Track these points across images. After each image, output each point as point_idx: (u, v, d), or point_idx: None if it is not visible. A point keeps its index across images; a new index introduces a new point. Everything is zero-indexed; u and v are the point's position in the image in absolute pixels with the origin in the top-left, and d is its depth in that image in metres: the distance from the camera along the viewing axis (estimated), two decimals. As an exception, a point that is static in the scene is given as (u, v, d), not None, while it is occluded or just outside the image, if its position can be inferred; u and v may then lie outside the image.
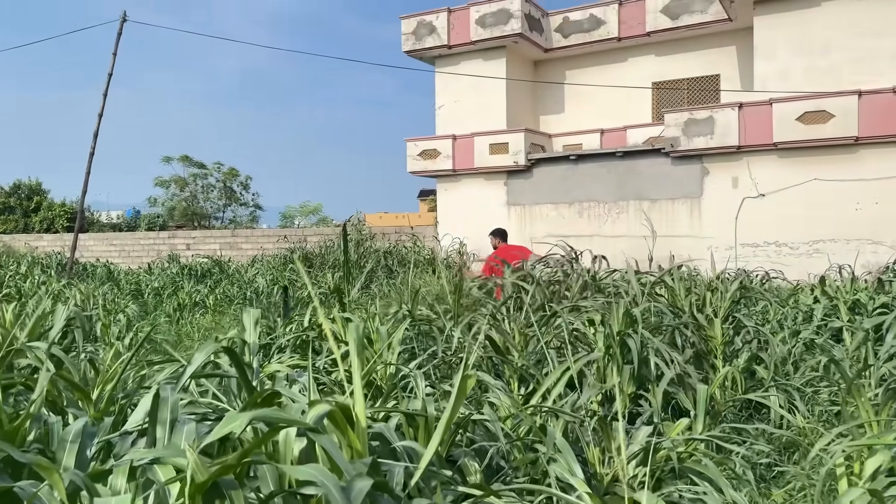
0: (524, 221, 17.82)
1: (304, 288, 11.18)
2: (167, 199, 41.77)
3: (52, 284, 10.15)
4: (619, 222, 16.61)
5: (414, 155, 18.97)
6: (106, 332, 7.07)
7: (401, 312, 4.44)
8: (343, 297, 5.49)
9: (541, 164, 17.59)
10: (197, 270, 14.16)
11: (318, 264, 14.39)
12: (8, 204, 28.36)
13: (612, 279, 5.77)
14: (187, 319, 9.45)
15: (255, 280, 12.05)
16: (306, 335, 4.65)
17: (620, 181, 16.62)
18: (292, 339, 4.62)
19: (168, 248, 22.73)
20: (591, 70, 18.98)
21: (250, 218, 43.55)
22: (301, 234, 20.13)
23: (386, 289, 8.02)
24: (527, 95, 19.35)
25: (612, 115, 18.55)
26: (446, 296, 5.76)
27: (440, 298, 6.74)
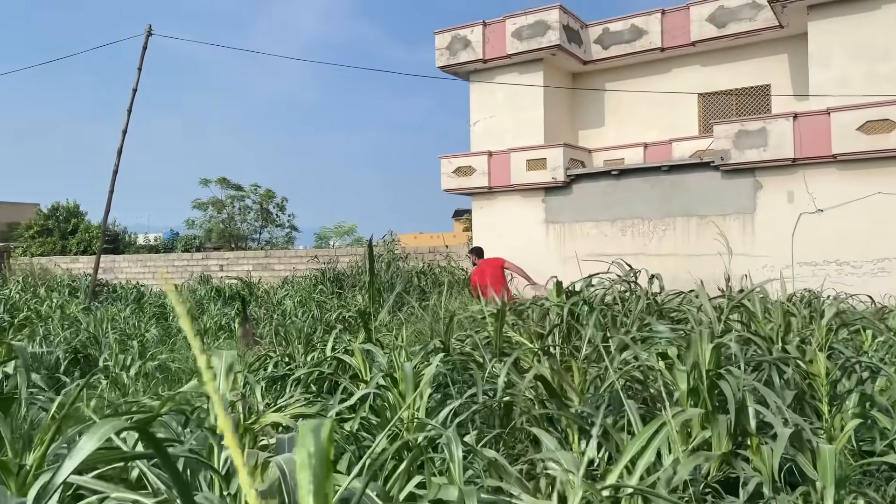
0: (563, 240, 17.07)
1: (332, 310, 10.60)
2: (205, 221, 41.98)
3: (71, 308, 9.76)
4: (665, 240, 15.74)
5: (448, 172, 18.40)
6: (115, 360, 6.54)
7: (432, 343, 3.77)
8: (368, 322, 4.85)
9: (581, 179, 16.85)
10: (225, 292, 13.72)
11: (349, 285, 13.83)
12: (46, 226, 28.57)
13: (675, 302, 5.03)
14: (210, 344, 8.91)
15: (282, 302, 11.52)
16: (321, 370, 4.01)
17: (666, 197, 15.78)
18: (305, 375, 3.98)
19: (201, 269, 22.48)
20: (633, 82, 18.24)
21: (286, 239, 43.53)
22: (333, 254, 19.65)
23: (418, 312, 7.36)
24: (565, 109, 18.68)
25: (655, 128, 17.76)
26: (486, 322, 5.09)
27: (478, 323, 6.06)
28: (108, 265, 24.63)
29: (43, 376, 6.23)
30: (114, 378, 5.37)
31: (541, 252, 17.13)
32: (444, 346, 3.71)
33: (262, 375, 5.47)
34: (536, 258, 16.81)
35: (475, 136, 18.59)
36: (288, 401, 3.29)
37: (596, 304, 4.57)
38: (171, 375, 6.81)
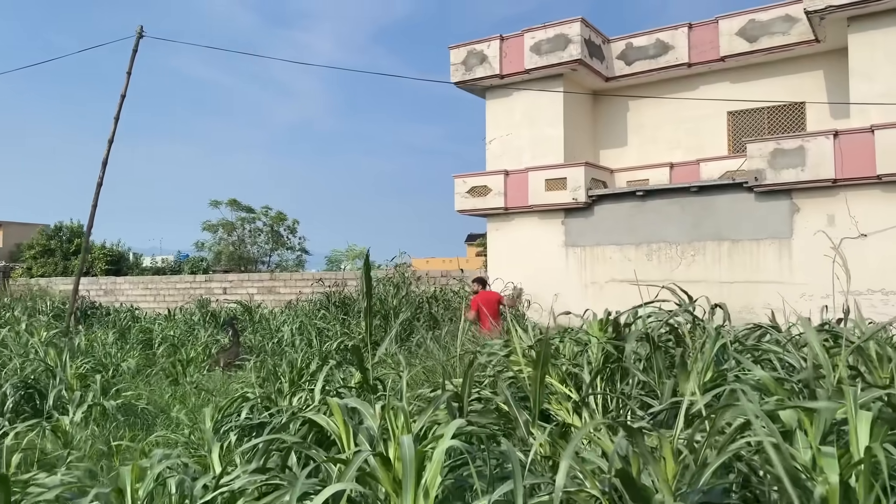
0: (584, 265, 16.04)
1: (334, 338, 9.61)
2: (214, 243, 41.34)
3: (41, 334, 8.84)
4: (694, 266, 14.68)
5: (462, 192, 17.48)
6: (70, 398, 5.58)
7: (445, 392, 2.76)
8: (363, 360, 3.87)
9: (603, 201, 15.87)
10: (221, 317, 12.77)
11: (356, 310, 12.84)
12: (48, 247, 27.89)
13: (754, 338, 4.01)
14: (191, 376, 7.94)
15: (281, 328, 10.55)
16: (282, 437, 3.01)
17: (696, 220, 14.75)
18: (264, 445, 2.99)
19: (204, 292, 21.62)
20: (658, 100, 17.31)
21: (297, 262, 42.77)
22: (341, 277, 18.72)
23: (428, 344, 6.36)
24: (586, 128, 17.75)
25: (681, 147, 16.80)
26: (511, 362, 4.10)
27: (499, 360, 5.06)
28: (109, 287, 23.84)
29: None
30: (55, 424, 4.40)
31: (559, 277, 16.11)
32: (460, 401, 2.72)
33: (234, 423, 4.48)
34: (555, 283, 15.79)
35: (491, 154, 17.68)
36: (236, 479, 2.29)
37: (651, 341, 3.57)
38: (134, 415, 5.84)
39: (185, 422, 4.98)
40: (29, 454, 4.19)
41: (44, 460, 4.12)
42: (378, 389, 4.14)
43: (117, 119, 9.56)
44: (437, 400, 2.52)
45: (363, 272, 3.84)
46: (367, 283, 3.91)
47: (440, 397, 2.49)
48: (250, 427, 4.45)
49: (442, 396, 2.50)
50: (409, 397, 4.45)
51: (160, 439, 4.75)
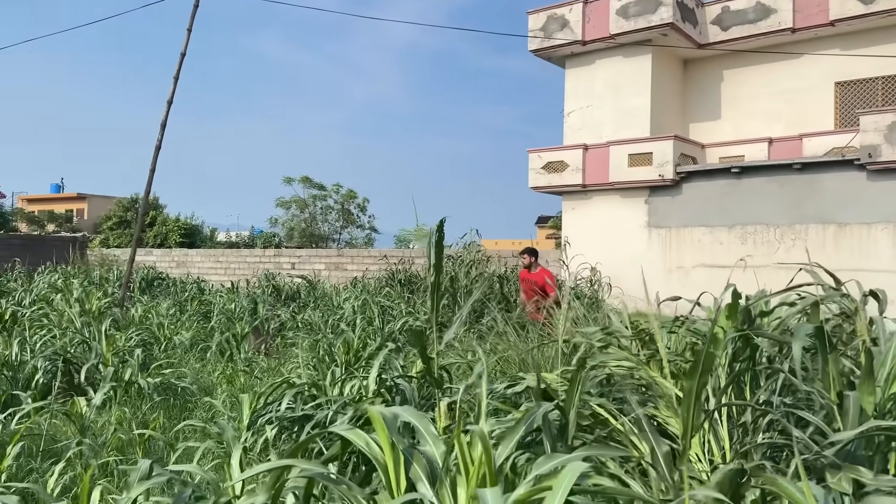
0: (669, 248, 14.83)
1: (398, 317, 8.91)
2: (287, 219, 41.70)
3: (93, 303, 8.47)
4: (794, 251, 13.28)
5: (537, 168, 16.49)
6: (103, 373, 5.03)
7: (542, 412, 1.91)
8: (425, 347, 3.09)
9: (692, 178, 14.59)
10: (284, 291, 12.30)
11: (422, 289, 12.14)
12: (124, 218, 28.39)
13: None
14: (245, 353, 7.38)
15: (342, 306, 9.94)
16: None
17: (797, 200, 13.33)
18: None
19: (273, 266, 21.44)
20: (756, 68, 15.80)
21: (366, 240, 42.69)
22: (408, 254, 18.08)
23: (500, 326, 5.54)
24: (674, 99, 16.41)
25: (781, 121, 15.28)
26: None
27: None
28: (181, 259, 24.05)
29: (6, 391, 4.79)
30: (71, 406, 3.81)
31: (641, 260, 14.92)
32: (563, 415, 1.89)
33: (273, 415, 3.78)
34: (636, 268, 14.61)
35: (569, 128, 16.59)
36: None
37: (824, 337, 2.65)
38: (174, 395, 5.25)
39: (222, 409, 4.35)
40: (36, 441, 3.63)
41: (51, 449, 3.55)
42: (443, 382, 3.35)
43: (177, 78, 9.10)
44: (528, 416, 1.72)
45: (434, 242, 3.04)
46: (437, 254, 3.11)
47: (534, 412, 1.68)
48: (292, 420, 3.75)
49: (536, 411, 1.69)
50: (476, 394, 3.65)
51: (191, 429, 4.14)
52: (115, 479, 3.50)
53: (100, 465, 3.47)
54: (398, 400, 3.75)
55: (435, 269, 3.21)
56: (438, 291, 3.27)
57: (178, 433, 4.10)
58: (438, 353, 3.29)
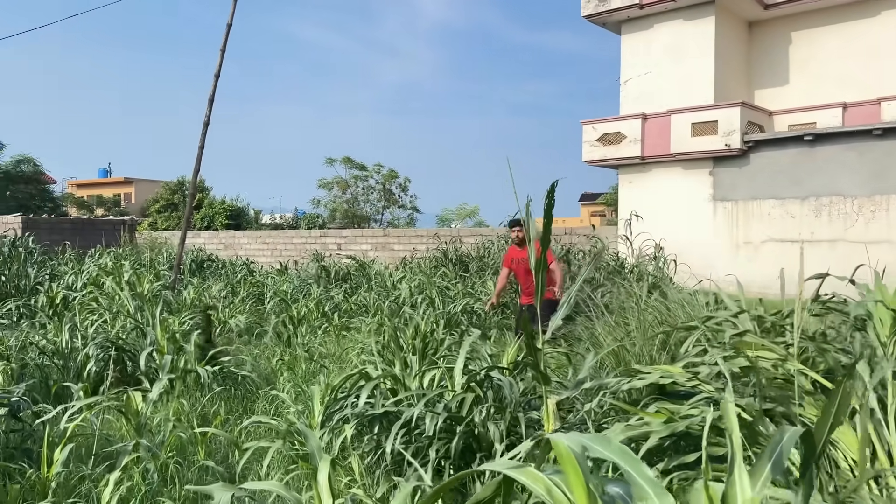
0: (736, 222, 14.01)
1: (456, 298, 8.44)
2: (329, 200, 41.65)
3: (144, 286, 8.18)
4: (875, 223, 12.38)
5: (591, 140, 15.76)
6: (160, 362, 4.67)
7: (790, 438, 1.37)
8: (534, 337, 2.59)
9: (761, 147, 13.71)
10: (336, 272, 11.94)
11: (476, 269, 11.64)
12: (171, 201, 28.52)
13: None
14: (303, 337, 6.99)
15: (397, 286, 9.51)
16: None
17: (878, 169, 12.39)
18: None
19: (320, 247, 21.21)
20: (828, 30, 14.75)
21: (408, 221, 42.42)
22: (456, 233, 17.59)
23: (600, 316, 4.95)
24: (739, 64, 15.46)
25: (856, 85, 14.23)
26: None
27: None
28: (228, 241, 24.01)
29: (57, 381, 4.45)
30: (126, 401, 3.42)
31: (705, 237, 14.18)
32: (809, 448, 1.36)
33: (350, 412, 3.33)
34: (699, 244, 13.88)
35: (625, 97, 15.79)
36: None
37: None
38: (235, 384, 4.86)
39: (289, 402, 3.93)
40: (89, 439, 3.26)
41: (104, 451, 3.18)
42: (548, 379, 2.85)
43: (223, 51, 8.66)
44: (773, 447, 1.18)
45: (544, 210, 2.53)
46: (546, 225, 2.60)
47: (779, 441, 1.16)
48: (371, 418, 3.30)
49: (783, 439, 1.17)
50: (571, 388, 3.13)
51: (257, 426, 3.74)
52: (176, 485, 3.10)
53: (158, 468, 3.08)
54: (490, 395, 3.26)
55: (543, 242, 2.70)
56: (544, 270, 2.76)
57: (244, 431, 3.69)
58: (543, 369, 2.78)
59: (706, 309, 5.06)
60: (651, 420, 2.64)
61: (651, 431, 2.53)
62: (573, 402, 3.24)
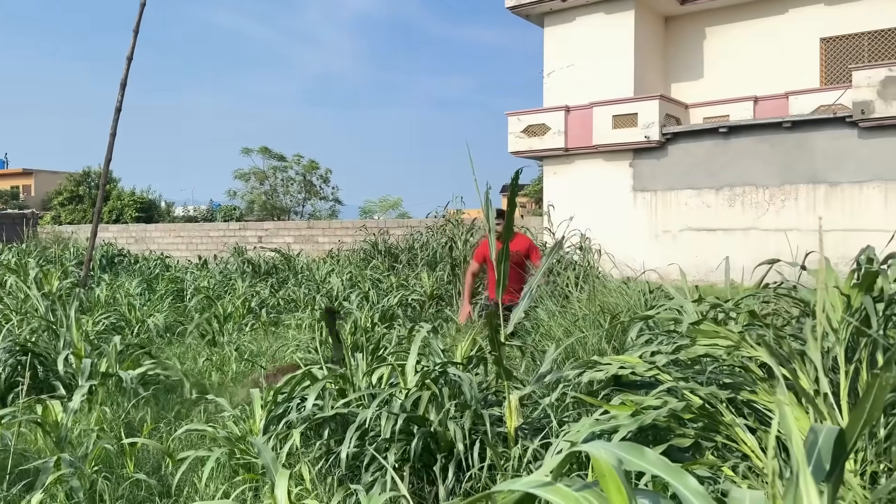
0: (655, 212, 14.42)
1: (390, 292, 8.28)
2: (246, 192, 40.43)
3: (52, 283, 7.63)
4: (784, 212, 12.99)
5: (517, 132, 15.85)
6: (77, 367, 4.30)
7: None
8: (497, 332, 2.49)
9: (678, 139, 14.14)
10: (260, 266, 11.53)
11: (406, 261, 11.49)
12: (76, 193, 26.93)
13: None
14: (230, 335, 6.66)
15: (327, 279, 9.25)
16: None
17: (788, 160, 13.00)
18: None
19: (239, 240, 20.49)
20: (739, 25, 15.35)
21: (330, 213, 41.74)
22: (384, 225, 17.37)
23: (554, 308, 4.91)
24: (657, 58, 15.89)
25: (766, 79, 14.87)
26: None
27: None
28: (140, 234, 22.88)
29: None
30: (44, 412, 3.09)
31: (626, 226, 14.52)
32: (841, 447, 1.30)
33: (297, 416, 3.14)
34: (621, 234, 14.20)
35: (549, 89, 15.97)
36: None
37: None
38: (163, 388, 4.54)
39: (229, 409, 3.67)
40: (4, 457, 2.93)
41: (21, 469, 2.85)
42: (511, 373, 2.75)
43: (136, 31, 8.11)
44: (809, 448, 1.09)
45: (509, 199, 2.43)
46: (509, 214, 2.49)
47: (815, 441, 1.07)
48: (319, 422, 3.11)
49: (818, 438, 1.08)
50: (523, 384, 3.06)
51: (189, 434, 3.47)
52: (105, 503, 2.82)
53: (85, 485, 2.79)
54: (446, 392, 3.13)
55: (505, 231, 2.60)
56: (507, 261, 2.66)
57: (178, 439, 3.42)
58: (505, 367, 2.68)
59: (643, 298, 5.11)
60: (617, 413, 2.59)
61: (620, 425, 2.47)
62: (530, 395, 3.16)
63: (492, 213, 2.88)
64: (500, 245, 6.64)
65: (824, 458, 1.06)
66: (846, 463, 2.67)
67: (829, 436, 1.09)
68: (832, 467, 1.12)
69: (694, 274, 11.82)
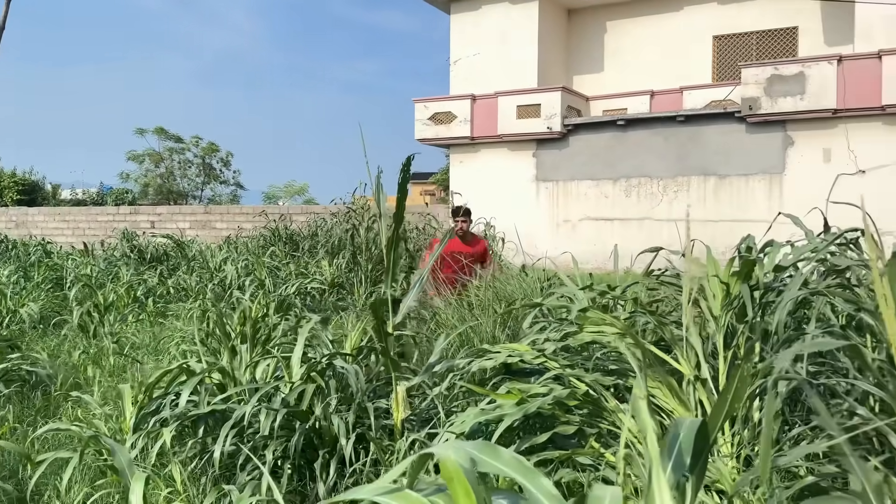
0: (556, 201, 14.72)
1: (289, 279, 8.03)
2: (140, 174, 38.52)
3: None
4: (677, 203, 13.56)
5: (423, 119, 15.77)
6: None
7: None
8: (384, 323, 2.39)
9: (579, 131, 14.47)
10: (149, 253, 10.94)
11: (308, 248, 11.20)
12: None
13: None
14: (111, 326, 6.25)
15: (222, 267, 8.87)
16: None
17: (681, 153, 13.56)
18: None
19: (130, 225, 19.43)
20: (638, 21, 15.85)
21: (231, 197, 40.35)
22: (286, 211, 16.91)
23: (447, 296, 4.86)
24: (560, 50, 16.17)
25: (663, 74, 15.43)
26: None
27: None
28: (20, 219, 21.30)
29: None
30: None
31: (529, 215, 14.75)
32: (698, 455, 1.27)
33: (170, 413, 2.93)
34: (524, 222, 14.41)
35: (456, 77, 15.96)
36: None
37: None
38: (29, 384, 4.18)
39: (95, 403, 3.40)
40: None
41: None
42: (399, 364, 2.66)
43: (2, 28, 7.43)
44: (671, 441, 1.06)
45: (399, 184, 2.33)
46: (400, 200, 2.39)
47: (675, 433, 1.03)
48: (195, 418, 2.92)
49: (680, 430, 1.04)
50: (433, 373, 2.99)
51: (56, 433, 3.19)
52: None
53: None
54: (333, 385, 3.01)
55: (395, 218, 2.49)
56: (397, 248, 2.55)
57: (37, 440, 3.14)
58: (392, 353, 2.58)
59: (541, 286, 5.15)
60: (503, 402, 2.55)
61: (504, 414, 2.43)
62: (420, 386, 3.09)
63: (381, 198, 2.77)
64: (458, 243, 6.25)
65: (685, 450, 1.02)
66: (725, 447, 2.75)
67: (691, 428, 1.06)
68: (694, 459, 1.09)
69: (593, 262, 12.14)
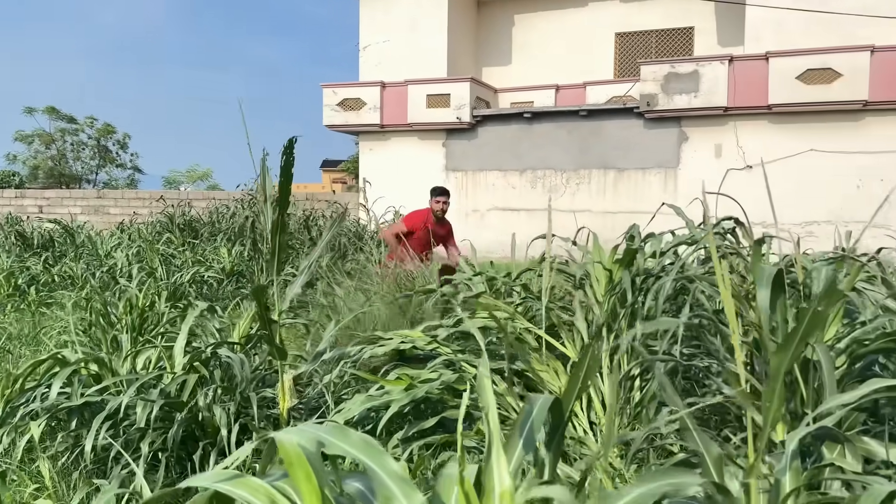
0: (465, 191, 14.86)
1: (184, 267, 7.73)
2: (29, 156, 36.20)
3: None
4: (579, 195, 13.96)
5: (332, 105, 15.51)
6: None
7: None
8: (268, 310, 2.32)
9: (488, 122, 14.63)
10: (34, 239, 10.25)
11: (207, 235, 10.82)
12: None
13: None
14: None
15: (112, 254, 8.43)
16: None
17: (583, 146, 13.95)
18: None
19: (15, 209, 18.21)
20: (545, 15, 16.14)
21: (128, 182, 38.43)
22: (185, 196, 16.27)
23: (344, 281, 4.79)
24: (469, 41, 16.27)
25: (567, 69, 15.80)
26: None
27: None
28: None
29: None
30: None
31: (438, 203, 14.78)
32: (554, 431, 1.27)
33: (40, 406, 2.77)
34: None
35: (365, 63, 15.77)
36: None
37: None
38: None
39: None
40: None
41: None
42: (285, 352, 2.60)
43: None
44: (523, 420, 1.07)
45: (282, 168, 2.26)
46: (284, 185, 2.32)
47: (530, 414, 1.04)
48: (68, 411, 2.75)
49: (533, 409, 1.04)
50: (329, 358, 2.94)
51: None
52: None
53: None
54: (217, 375, 2.91)
55: (280, 203, 2.42)
56: (283, 233, 2.49)
57: None
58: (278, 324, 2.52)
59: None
60: (392, 388, 2.54)
61: (392, 400, 2.42)
62: (312, 375, 3.03)
63: (267, 181, 2.68)
64: (432, 221, 6.11)
65: (537, 427, 1.04)
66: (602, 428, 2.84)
67: (544, 406, 1.08)
68: (550, 434, 1.11)
69: (500, 251, 12.35)
